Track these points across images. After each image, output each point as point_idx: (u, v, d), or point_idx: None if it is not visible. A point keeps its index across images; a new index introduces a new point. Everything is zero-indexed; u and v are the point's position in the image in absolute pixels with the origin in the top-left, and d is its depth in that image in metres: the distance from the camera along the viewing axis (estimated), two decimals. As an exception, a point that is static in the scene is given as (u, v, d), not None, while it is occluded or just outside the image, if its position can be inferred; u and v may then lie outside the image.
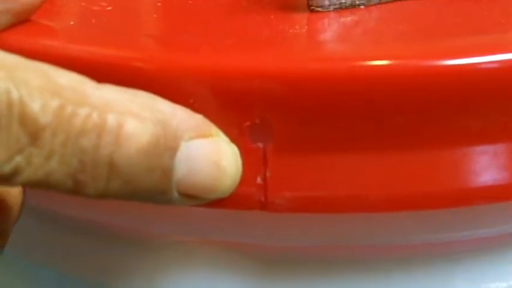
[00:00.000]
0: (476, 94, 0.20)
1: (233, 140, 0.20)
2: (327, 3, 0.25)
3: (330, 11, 0.25)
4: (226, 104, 0.20)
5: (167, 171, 0.19)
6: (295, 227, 0.22)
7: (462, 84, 0.20)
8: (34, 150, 0.17)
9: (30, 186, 0.18)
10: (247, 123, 0.20)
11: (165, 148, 0.19)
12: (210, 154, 0.19)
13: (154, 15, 0.26)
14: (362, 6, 0.25)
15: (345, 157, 0.20)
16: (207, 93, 0.20)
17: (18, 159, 0.17)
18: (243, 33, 0.23)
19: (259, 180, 0.20)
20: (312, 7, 0.25)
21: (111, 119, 0.18)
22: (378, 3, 0.25)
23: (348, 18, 0.24)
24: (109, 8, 0.22)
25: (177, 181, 0.19)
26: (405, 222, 0.22)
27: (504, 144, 0.21)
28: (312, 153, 0.20)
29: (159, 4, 0.26)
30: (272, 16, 0.24)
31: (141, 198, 0.19)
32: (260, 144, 0.20)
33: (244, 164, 0.20)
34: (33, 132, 0.17)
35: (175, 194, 0.19)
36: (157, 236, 0.25)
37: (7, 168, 0.17)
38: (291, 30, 0.23)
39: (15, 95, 0.17)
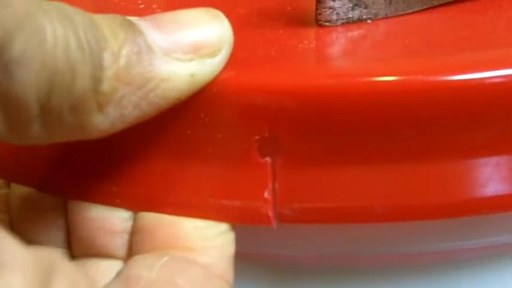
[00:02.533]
0: (480, 108, 0.21)
1: (241, 154, 0.20)
2: (334, 18, 0.25)
3: (337, 25, 0.25)
4: (236, 118, 0.20)
5: None
6: (305, 237, 0.23)
7: (467, 98, 0.21)
8: None
9: None
10: (256, 137, 0.20)
11: None
12: None
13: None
14: (369, 21, 0.25)
15: (351, 169, 0.21)
16: (218, 108, 0.20)
17: None
18: (253, 49, 0.24)
19: (266, 194, 0.20)
20: (320, 22, 0.25)
21: None
22: (385, 17, 0.26)
23: (356, 32, 0.25)
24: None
25: None
26: (411, 232, 0.22)
27: (507, 156, 0.21)
28: (319, 166, 0.21)
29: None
30: (281, 31, 0.25)
31: None
32: (268, 159, 0.21)
33: (252, 178, 0.20)
34: None
35: None
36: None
37: None
38: (299, 45, 0.23)
39: None
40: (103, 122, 0.19)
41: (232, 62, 0.21)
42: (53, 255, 0.16)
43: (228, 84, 0.20)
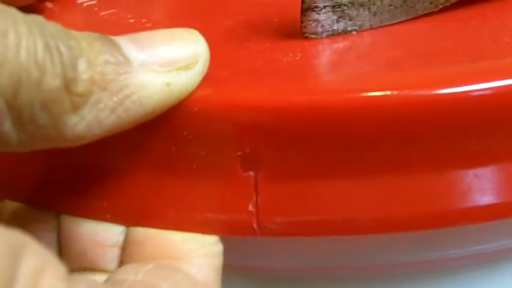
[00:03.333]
0: (462, 122, 0.21)
1: (225, 169, 0.21)
2: (319, 30, 0.25)
3: (323, 37, 0.25)
4: (218, 135, 0.21)
5: None
6: (289, 249, 0.23)
7: (450, 112, 0.21)
8: None
9: None
10: (239, 153, 0.21)
11: None
12: None
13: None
14: (354, 32, 0.26)
15: (332, 183, 0.21)
16: (199, 126, 0.21)
17: None
18: (237, 64, 0.24)
19: (251, 207, 0.21)
20: (306, 34, 0.25)
21: None
22: (370, 29, 0.26)
23: (341, 44, 0.25)
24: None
25: None
26: (394, 243, 0.23)
27: (486, 167, 0.21)
28: (300, 180, 0.21)
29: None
30: (267, 44, 0.25)
31: None
32: (251, 173, 0.21)
33: (236, 192, 0.21)
34: None
35: None
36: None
37: None
38: (284, 59, 0.24)
39: None
40: (79, 124, 0.19)
41: (214, 77, 0.22)
42: (23, 236, 0.17)
43: (208, 102, 0.21)
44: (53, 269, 0.17)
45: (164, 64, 0.21)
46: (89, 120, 0.19)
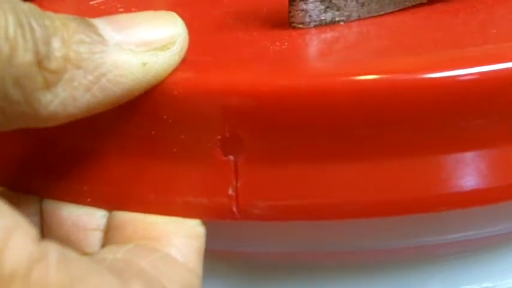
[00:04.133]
0: (451, 106, 0.21)
1: (205, 153, 0.21)
2: (307, 20, 0.26)
3: (310, 27, 0.25)
4: (197, 119, 0.21)
5: None
6: (274, 234, 0.23)
7: (440, 96, 0.21)
8: None
9: None
10: (218, 137, 0.21)
11: None
12: None
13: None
14: (342, 23, 0.26)
15: (312, 167, 0.21)
16: (179, 110, 0.21)
17: None
18: (222, 51, 0.24)
19: (230, 191, 0.21)
20: (293, 24, 0.25)
21: None
22: (357, 19, 0.26)
23: (328, 34, 0.25)
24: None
25: None
26: (379, 228, 0.23)
27: (475, 151, 0.21)
28: (280, 164, 0.21)
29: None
30: (255, 33, 0.25)
31: None
32: (231, 157, 0.21)
33: (216, 176, 0.21)
34: None
35: None
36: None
37: None
38: (271, 47, 0.24)
39: None
40: (53, 101, 0.19)
41: (195, 62, 0.22)
42: None
43: (188, 85, 0.21)
44: (22, 231, 0.17)
45: (140, 44, 0.21)
46: (63, 98, 0.19)
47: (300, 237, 0.23)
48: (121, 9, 0.28)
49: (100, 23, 0.21)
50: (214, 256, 0.25)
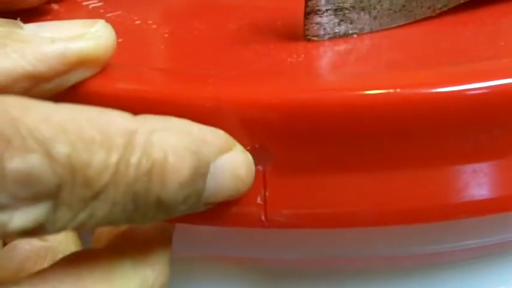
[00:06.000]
0: (460, 119, 0.22)
1: None
2: (322, 32, 0.26)
3: (325, 39, 0.26)
4: (229, 131, 0.21)
5: (200, 194, 0.20)
6: (294, 241, 0.24)
7: (452, 109, 0.22)
8: (98, 204, 0.18)
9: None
10: (248, 148, 0.22)
11: (200, 175, 0.20)
12: (233, 168, 0.21)
13: (162, 47, 0.28)
14: (355, 35, 0.27)
15: (337, 177, 0.22)
16: (212, 122, 0.21)
17: (82, 216, 0.18)
18: (244, 64, 0.25)
19: (259, 200, 0.22)
20: (308, 37, 0.26)
21: (156, 161, 0.19)
22: (370, 32, 0.27)
23: (342, 46, 0.26)
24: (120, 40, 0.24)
25: (205, 198, 0.21)
26: (396, 235, 0.24)
27: (484, 163, 0.22)
28: (307, 174, 0.22)
29: (166, 36, 0.28)
30: (272, 46, 0.26)
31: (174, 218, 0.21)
32: (260, 167, 0.22)
33: None
34: (97, 190, 0.18)
35: (202, 207, 0.21)
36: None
37: (72, 225, 0.18)
38: (288, 60, 0.25)
39: (75, 157, 0.18)
40: None
41: (222, 76, 0.22)
42: None
43: (220, 99, 0.22)
44: None
45: (55, 32, 0.22)
46: None
47: (319, 244, 0.24)
48: (137, 21, 0.29)
49: (28, 25, 0.22)
50: (229, 262, 0.26)
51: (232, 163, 0.21)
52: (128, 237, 0.22)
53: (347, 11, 0.26)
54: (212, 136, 0.21)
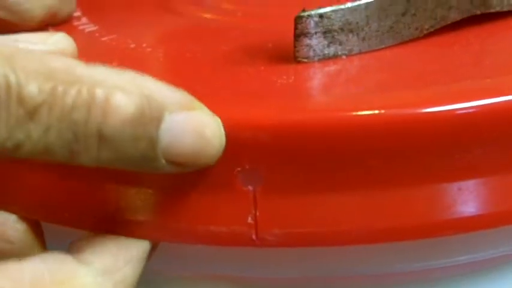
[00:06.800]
0: (453, 138, 0.23)
1: (226, 183, 0.22)
2: (311, 54, 0.27)
3: (314, 61, 0.27)
4: (219, 151, 0.22)
5: (152, 140, 0.21)
6: (284, 260, 0.25)
7: (440, 129, 0.22)
8: (32, 126, 0.20)
9: (31, 158, 0.20)
10: (238, 168, 0.22)
11: (150, 119, 0.21)
12: (194, 125, 0.21)
13: (156, 70, 0.28)
14: (344, 56, 0.27)
15: (327, 196, 0.22)
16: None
17: (19, 134, 0.20)
18: (235, 85, 0.25)
19: (250, 219, 0.22)
20: (298, 58, 0.27)
21: (99, 93, 0.20)
22: (359, 53, 0.28)
23: (332, 68, 0.27)
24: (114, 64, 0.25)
25: (162, 149, 0.21)
26: (385, 253, 0.24)
27: (469, 180, 0.23)
28: (297, 194, 0.22)
29: (160, 58, 0.29)
30: (262, 68, 0.27)
31: (132, 165, 0.21)
32: (250, 187, 0.22)
33: (236, 205, 0.22)
34: (30, 109, 0.20)
35: (163, 161, 0.21)
36: (158, 272, 0.27)
37: (9, 144, 0.20)
38: (279, 81, 0.25)
39: (13, 78, 0.19)
40: None
41: (213, 98, 0.23)
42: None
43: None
44: None
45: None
46: None
47: (309, 262, 0.25)
48: (132, 45, 0.30)
49: None
50: (220, 281, 0.27)
51: (195, 121, 0.21)
52: (98, 248, 0.23)
53: (336, 33, 0.27)
54: (171, 90, 0.21)
